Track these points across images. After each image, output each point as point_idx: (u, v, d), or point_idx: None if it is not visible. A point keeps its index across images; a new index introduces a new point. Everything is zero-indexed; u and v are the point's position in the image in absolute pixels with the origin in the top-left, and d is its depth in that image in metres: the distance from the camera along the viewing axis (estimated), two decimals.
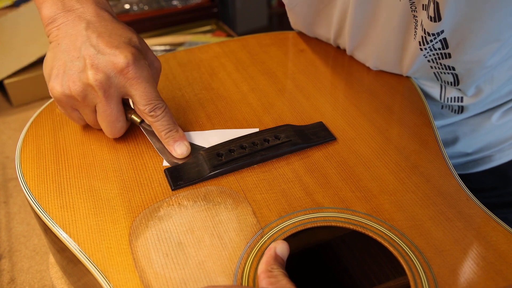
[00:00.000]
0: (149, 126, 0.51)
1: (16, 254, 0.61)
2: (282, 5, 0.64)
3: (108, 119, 0.48)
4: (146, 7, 1.27)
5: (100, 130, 0.51)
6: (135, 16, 1.22)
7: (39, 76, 0.91)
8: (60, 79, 0.47)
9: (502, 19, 0.48)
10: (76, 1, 0.50)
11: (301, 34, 0.71)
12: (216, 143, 0.49)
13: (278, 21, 2.56)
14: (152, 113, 0.48)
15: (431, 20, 0.49)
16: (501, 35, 0.50)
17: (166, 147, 0.49)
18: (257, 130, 0.52)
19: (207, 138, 0.51)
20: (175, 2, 1.30)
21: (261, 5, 2.38)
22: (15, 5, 1.25)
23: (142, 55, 0.48)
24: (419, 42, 0.53)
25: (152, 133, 0.51)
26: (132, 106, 0.51)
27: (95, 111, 0.49)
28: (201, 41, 1.14)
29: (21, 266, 0.59)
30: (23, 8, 1.12)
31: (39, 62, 0.92)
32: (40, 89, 0.92)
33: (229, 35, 1.17)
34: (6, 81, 0.89)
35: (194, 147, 0.50)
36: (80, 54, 0.46)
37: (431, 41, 0.52)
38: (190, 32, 1.22)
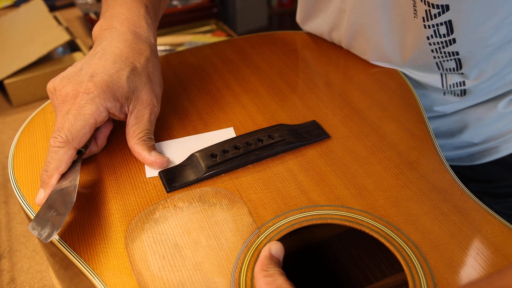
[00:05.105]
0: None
1: (16, 254, 0.61)
2: (282, 5, 0.64)
3: None
4: None
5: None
6: None
7: (39, 76, 0.91)
8: None
9: None
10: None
11: (291, 33, 0.70)
12: (196, 149, 0.49)
13: (278, 21, 2.55)
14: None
15: None
16: (499, 8, 0.50)
17: None
18: (231, 129, 0.52)
19: (185, 145, 0.51)
20: (175, 2, 1.30)
21: (261, 5, 2.37)
22: (15, 5, 1.25)
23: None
24: (423, 17, 0.53)
25: None
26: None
27: None
28: (201, 41, 1.14)
29: (21, 266, 0.60)
30: (23, 8, 1.12)
31: (39, 62, 0.92)
32: (40, 89, 0.92)
33: (229, 35, 1.17)
34: (6, 81, 0.89)
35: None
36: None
37: (435, 16, 0.51)
38: (190, 32, 1.22)
